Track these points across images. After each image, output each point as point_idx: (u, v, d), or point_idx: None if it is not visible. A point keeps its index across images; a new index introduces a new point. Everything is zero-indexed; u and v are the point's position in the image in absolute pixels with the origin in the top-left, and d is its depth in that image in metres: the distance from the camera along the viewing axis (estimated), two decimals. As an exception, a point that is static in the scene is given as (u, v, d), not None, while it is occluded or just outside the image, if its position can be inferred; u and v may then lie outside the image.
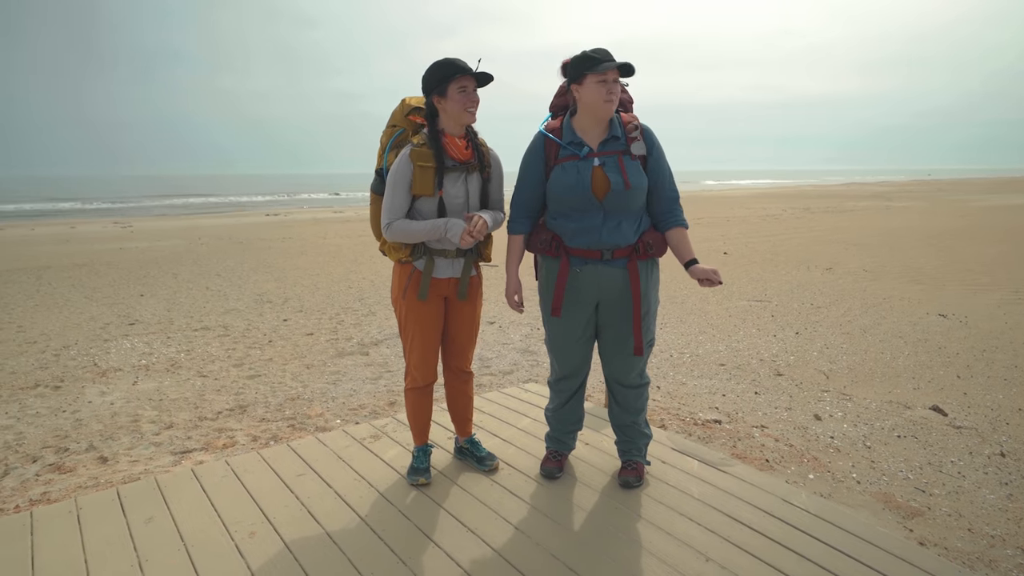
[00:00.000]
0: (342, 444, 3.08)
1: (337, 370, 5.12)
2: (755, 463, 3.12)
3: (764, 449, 3.31)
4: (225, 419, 4.06)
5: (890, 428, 3.69)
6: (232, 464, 2.88)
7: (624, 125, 2.48)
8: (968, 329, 6.13)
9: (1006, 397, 4.31)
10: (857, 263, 10.41)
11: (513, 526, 2.35)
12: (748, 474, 2.70)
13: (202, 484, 2.70)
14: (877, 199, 30.51)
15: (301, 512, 2.48)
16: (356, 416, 4.03)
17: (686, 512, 2.44)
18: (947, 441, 3.51)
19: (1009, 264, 9.95)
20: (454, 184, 2.48)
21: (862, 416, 3.90)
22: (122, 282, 9.63)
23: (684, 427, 3.62)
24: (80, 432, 3.88)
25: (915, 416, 3.92)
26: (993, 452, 3.36)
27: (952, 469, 3.14)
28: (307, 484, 2.70)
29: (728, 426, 3.66)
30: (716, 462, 2.80)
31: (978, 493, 2.89)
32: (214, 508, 2.52)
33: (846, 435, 3.57)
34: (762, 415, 3.91)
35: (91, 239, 16.57)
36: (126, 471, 3.28)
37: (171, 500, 2.59)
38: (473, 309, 2.68)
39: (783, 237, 14.44)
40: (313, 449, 3.03)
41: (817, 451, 3.32)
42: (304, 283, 9.41)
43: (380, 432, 3.21)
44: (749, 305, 7.44)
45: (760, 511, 2.42)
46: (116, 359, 5.53)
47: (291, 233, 17.64)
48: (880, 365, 5.06)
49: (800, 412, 3.97)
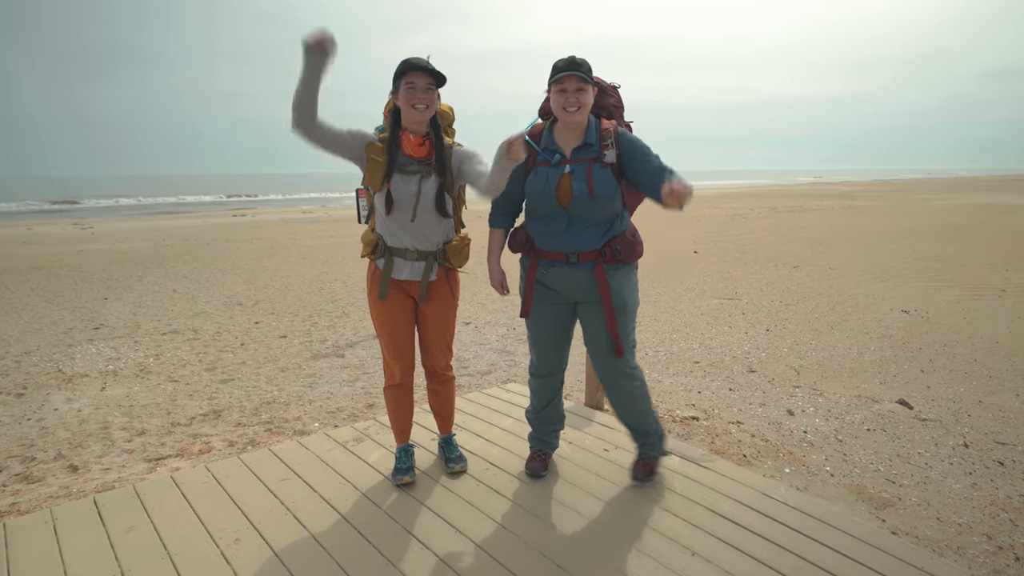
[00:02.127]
0: (325, 447, 3.05)
1: (313, 373, 5.06)
2: (733, 458, 3.19)
3: (741, 445, 3.39)
4: (199, 424, 3.99)
5: (860, 422, 3.81)
6: (213, 470, 2.83)
7: (601, 132, 2.50)
8: (930, 325, 6.34)
9: (967, 390, 4.47)
10: (823, 261, 10.67)
11: (500, 525, 2.37)
12: (727, 469, 2.76)
13: (183, 491, 2.66)
14: (841, 199, 31.29)
15: (286, 517, 2.46)
16: (335, 419, 4.00)
17: (670, 508, 2.49)
18: (914, 433, 3.63)
19: (966, 262, 10.31)
20: (406, 181, 2.48)
21: (833, 411, 4.01)
22: (84, 285, 9.37)
23: (662, 424, 3.68)
24: (47, 440, 3.77)
25: (883, 410, 4.04)
26: (957, 443, 3.49)
27: (920, 460, 3.26)
28: (291, 488, 2.67)
29: (706, 423, 3.73)
30: (696, 458, 2.86)
31: (944, 483, 3.01)
32: (196, 515, 2.48)
33: (818, 429, 3.67)
34: (737, 411, 3.99)
35: (49, 241, 16.06)
36: (99, 479, 3.20)
37: (151, 508, 2.54)
38: (438, 312, 2.65)
39: (751, 236, 14.72)
40: (295, 453, 3.00)
41: (792, 446, 3.41)
42: (275, 285, 9.28)
43: (362, 435, 3.19)
44: (720, 303, 7.57)
45: (741, 505, 2.48)
46: (82, 364, 5.39)
47: (260, 234, 17.35)
48: (848, 360, 5.20)
49: (774, 408, 4.07)
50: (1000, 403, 4.18)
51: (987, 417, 3.93)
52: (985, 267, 9.79)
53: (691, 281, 9.09)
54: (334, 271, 10.54)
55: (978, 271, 9.46)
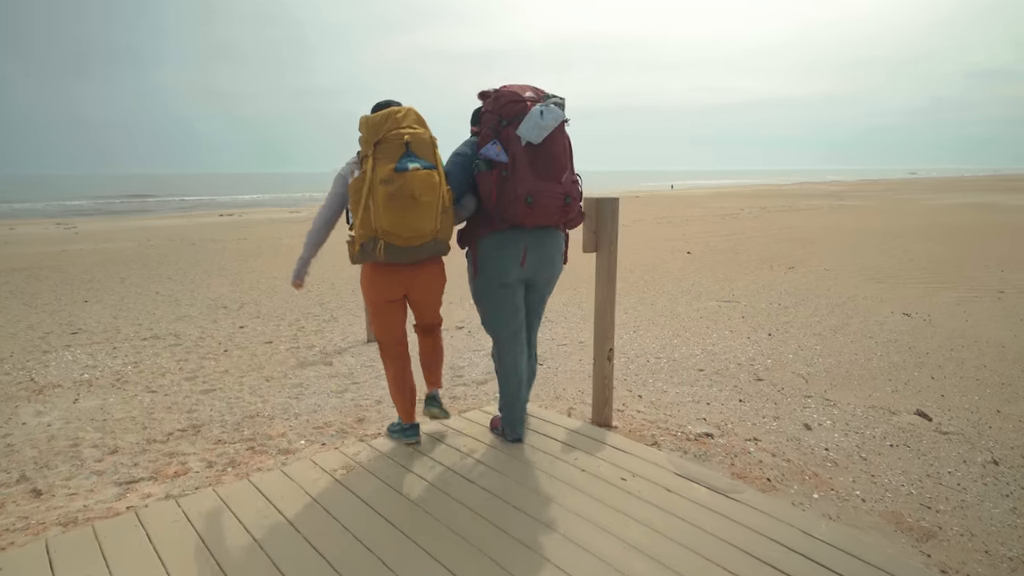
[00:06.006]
0: (311, 477, 2.76)
1: (299, 382, 4.80)
2: (757, 482, 2.97)
3: (763, 466, 3.17)
4: (176, 441, 3.72)
5: (881, 436, 3.60)
6: (183, 505, 2.53)
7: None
8: (933, 328, 6.18)
9: (982, 398, 4.30)
10: (818, 262, 10.53)
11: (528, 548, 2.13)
12: (759, 501, 2.51)
13: (148, 532, 2.36)
14: (829, 198, 31.34)
15: (266, 565, 2.17)
16: (322, 435, 3.74)
17: (703, 551, 2.23)
18: (938, 449, 3.44)
19: (961, 263, 10.20)
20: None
21: (851, 424, 3.81)
22: (64, 287, 9.02)
23: (677, 443, 3.45)
24: (11, 460, 3.49)
25: (902, 422, 3.85)
26: (986, 460, 3.30)
27: (951, 481, 3.06)
28: (272, 529, 2.37)
29: (721, 440, 3.51)
30: (725, 488, 2.60)
31: (983, 507, 2.80)
32: (162, 563, 2.18)
33: (840, 446, 3.46)
34: (752, 425, 3.78)
35: (31, 241, 15.62)
36: (62, 508, 2.92)
37: (111, 555, 2.23)
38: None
39: (742, 236, 14.58)
40: (277, 485, 2.70)
41: (815, 466, 3.20)
42: (261, 287, 8.98)
43: (353, 462, 2.91)
44: (719, 306, 7.38)
45: (781, 547, 2.22)
46: (56, 373, 5.09)
47: (246, 234, 16.99)
48: (856, 367, 5.02)
49: (789, 421, 3.86)
50: (1019, 413, 4.01)
51: (1009, 429, 3.75)
52: (979, 268, 9.69)
53: (686, 283, 8.90)
54: (322, 272, 10.24)
55: (973, 272, 9.34)
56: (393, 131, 2.64)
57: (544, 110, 2.70)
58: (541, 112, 2.69)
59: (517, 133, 2.73)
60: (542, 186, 2.74)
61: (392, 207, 2.57)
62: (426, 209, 2.63)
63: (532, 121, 2.69)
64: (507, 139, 2.76)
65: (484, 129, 2.85)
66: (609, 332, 3.33)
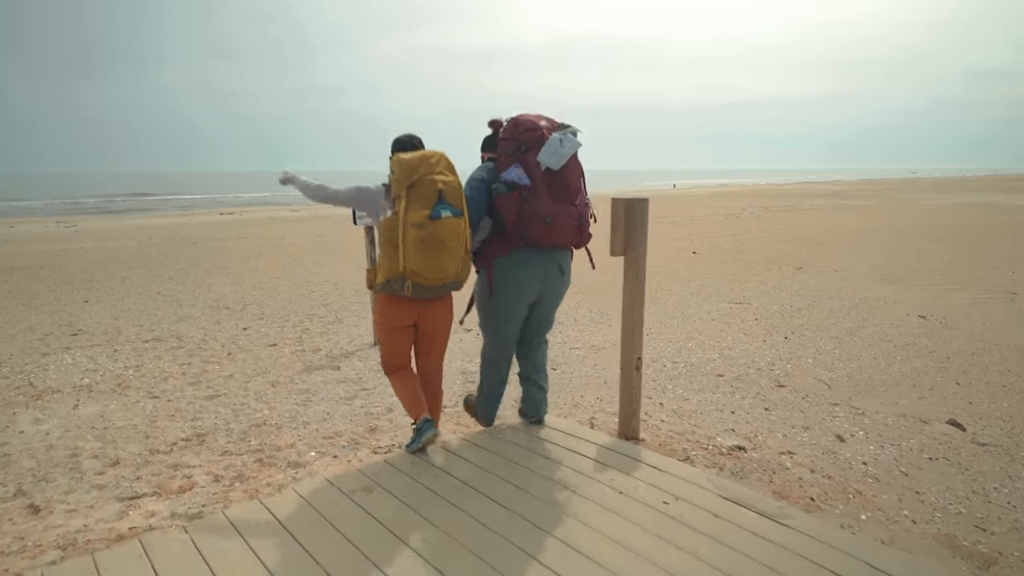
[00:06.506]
0: (329, 500, 2.55)
1: (306, 388, 4.64)
2: (801, 502, 2.81)
3: (803, 483, 3.01)
4: (181, 452, 3.56)
5: (918, 449, 3.46)
6: (191, 531, 2.35)
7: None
8: (950, 331, 6.05)
9: (1011, 406, 4.16)
10: (826, 262, 10.39)
11: None
12: (811, 527, 2.31)
13: (153, 563, 2.16)
14: (832, 198, 31.24)
15: None
16: (333, 447, 3.58)
17: None
18: (980, 463, 3.29)
19: (971, 263, 10.07)
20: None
21: (884, 435, 3.66)
22: (64, 287, 8.85)
23: (711, 458, 3.30)
24: (8, 472, 3.33)
25: (936, 432, 3.70)
26: (1030, 474, 3.16)
27: (1000, 499, 2.91)
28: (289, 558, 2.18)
29: (755, 454, 3.36)
30: (774, 513, 2.41)
31: (1038, 528, 2.66)
32: None
33: (878, 460, 3.31)
34: (783, 437, 3.62)
35: (31, 239, 15.44)
36: (61, 527, 2.75)
37: None
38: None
39: (747, 236, 14.44)
40: (292, 507, 2.51)
41: (856, 482, 3.04)
42: (263, 287, 8.81)
43: (372, 482, 2.70)
44: (730, 308, 7.24)
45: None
46: (55, 377, 4.92)
47: (247, 233, 16.82)
48: (877, 372, 4.87)
49: (820, 432, 3.71)
50: (1055, 423, 3.87)
51: (1046, 440, 3.61)
52: (989, 268, 9.56)
53: (695, 283, 8.76)
54: (324, 272, 10.08)
55: (983, 272, 9.21)
56: (428, 176, 2.75)
57: (563, 139, 2.88)
58: (560, 140, 2.88)
59: (537, 159, 2.90)
60: (559, 208, 2.92)
61: (422, 251, 2.71)
62: (452, 254, 2.77)
63: (552, 148, 2.87)
64: (526, 164, 2.92)
65: (502, 154, 3.00)
66: (637, 341, 3.18)
